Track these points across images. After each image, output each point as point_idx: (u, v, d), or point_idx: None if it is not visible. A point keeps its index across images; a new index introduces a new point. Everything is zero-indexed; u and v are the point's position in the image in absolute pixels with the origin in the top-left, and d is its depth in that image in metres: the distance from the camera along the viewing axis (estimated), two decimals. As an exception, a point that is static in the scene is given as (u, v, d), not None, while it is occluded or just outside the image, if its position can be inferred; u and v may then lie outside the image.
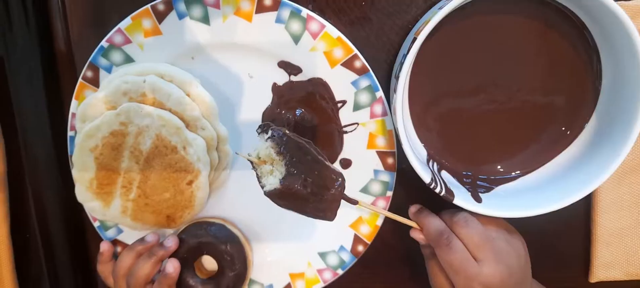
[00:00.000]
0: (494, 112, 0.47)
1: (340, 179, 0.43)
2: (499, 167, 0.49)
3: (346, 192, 0.50)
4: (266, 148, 0.42)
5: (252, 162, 0.43)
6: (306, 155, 0.41)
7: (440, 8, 0.41)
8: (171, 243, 0.49)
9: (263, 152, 0.42)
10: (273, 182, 0.42)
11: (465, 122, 0.48)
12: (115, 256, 0.53)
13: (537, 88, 0.47)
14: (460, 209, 0.45)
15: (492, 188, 0.48)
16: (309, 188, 0.42)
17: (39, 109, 0.52)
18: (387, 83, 0.50)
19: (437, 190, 0.44)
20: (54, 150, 0.53)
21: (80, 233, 0.56)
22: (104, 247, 0.51)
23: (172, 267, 0.48)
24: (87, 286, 0.58)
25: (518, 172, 0.49)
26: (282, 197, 0.42)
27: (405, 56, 0.42)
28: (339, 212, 0.50)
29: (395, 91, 0.42)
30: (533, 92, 0.47)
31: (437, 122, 0.48)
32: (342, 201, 0.44)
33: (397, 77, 0.43)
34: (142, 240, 0.50)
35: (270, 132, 0.42)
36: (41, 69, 0.51)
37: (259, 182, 0.43)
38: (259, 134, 0.43)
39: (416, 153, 0.47)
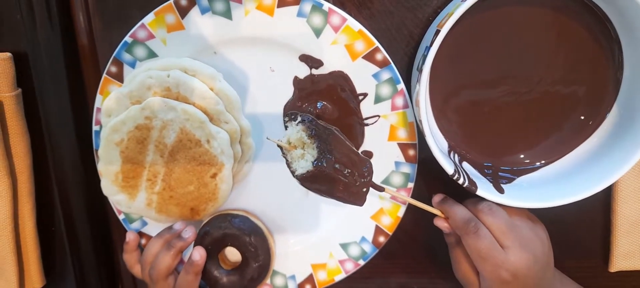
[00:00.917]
0: (515, 103, 0.48)
1: (368, 165, 0.43)
2: (522, 156, 0.49)
3: (369, 182, 0.51)
4: (297, 132, 0.42)
5: (281, 149, 0.43)
6: (336, 139, 0.42)
7: (464, 0, 0.41)
8: (190, 233, 0.50)
9: (294, 137, 0.43)
10: (305, 165, 0.42)
11: (486, 113, 0.48)
12: (140, 247, 0.54)
13: (558, 79, 0.47)
14: (482, 199, 0.45)
15: (514, 179, 0.49)
16: (340, 171, 0.42)
17: (63, 104, 0.52)
18: (407, 75, 0.50)
19: (460, 181, 0.44)
20: (78, 145, 0.53)
21: (105, 226, 0.57)
22: (130, 236, 0.52)
23: (199, 254, 0.48)
24: (111, 278, 0.59)
25: (539, 162, 0.49)
26: (315, 180, 0.42)
27: (428, 49, 0.42)
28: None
29: (419, 83, 0.43)
30: (554, 83, 0.47)
31: (458, 114, 0.49)
32: (374, 189, 0.45)
33: (420, 70, 0.43)
34: (169, 228, 0.51)
35: (299, 118, 0.42)
36: (65, 64, 0.51)
37: (289, 168, 0.43)
38: (286, 122, 0.43)
39: (438, 145, 0.48)
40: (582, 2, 0.44)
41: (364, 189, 0.43)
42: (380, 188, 0.45)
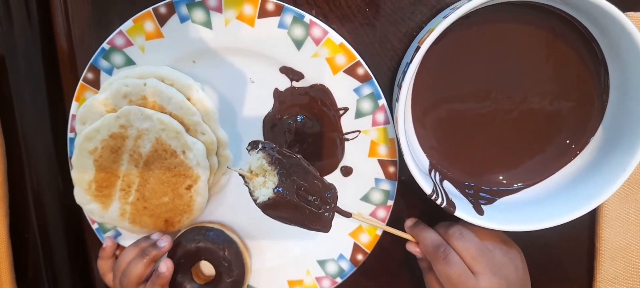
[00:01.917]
0: (497, 123, 0.47)
1: (332, 190, 0.43)
2: (501, 177, 0.48)
3: (347, 200, 0.50)
4: (258, 159, 0.42)
5: (244, 177, 0.43)
6: (298, 166, 0.41)
7: (445, 17, 0.40)
8: (165, 243, 0.49)
9: (255, 164, 0.42)
10: (266, 192, 0.42)
11: (469, 131, 0.47)
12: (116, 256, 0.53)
13: (542, 99, 0.46)
14: (457, 221, 0.44)
15: (495, 200, 0.48)
16: (303, 198, 0.42)
17: (40, 109, 0.51)
18: (390, 90, 0.49)
19: (438, 201, 0.43)
20: (54, 151, 0.52)
21: (79, 234, 0.56)
22: (108, 242, 0.51)
23: (165, 266, 0.47)
24: (86, 287, 0.58)
25: (520, 184, 0.48)
26: (276, 207, 0.42)
27: (408, 65, 0.41)
28: (338, 220, 0.50)
29: (397, 100, 0.42)
30: (538, 104, 0.46)
31: (440, 131, 0.48)
32: (340, 215, 0.44)
33: (399, 86, 0.42)
34: (147, 237, 0.50)
35: (260, 146, 0.42)
36: (43, 69, 0.51)
37: (252, 196, 0.42)
38: (249, 151, 0.42)
39: (418, 163, 0.47)
40: (569, 21, 0.44)
41: (328, 215, 0.42)
42: (346, 215, 0.44)
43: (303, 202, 0.42)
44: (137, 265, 0.47)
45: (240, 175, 0.43)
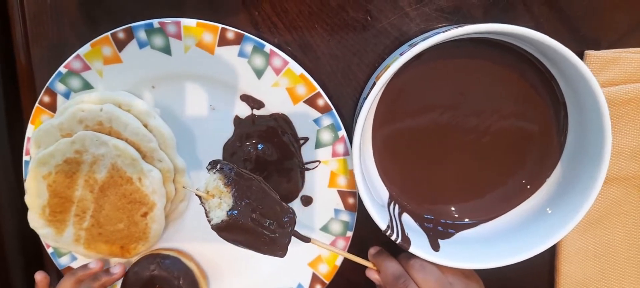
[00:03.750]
0: (457, 157, 0.47)
1: (290, 215, 0.42)
2: (458, 211, 0.48)
3: (307, 230, 0.49)
4: (214, 180, 0.41)
5: (200, 198, 0.42)
6: (255, 188, 0.41)
7: (401, 54, 0.40)
8: (117, 271, 0.48)
9: (211, 185, 0.41)
10: (220, 214, 0.41)
11: (429, 164, 0.47)
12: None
13: (502, 135, 0.46)
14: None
15: (453, 234, 0.47)
16: (258, 222, 0.41)
17: (-2, 129, 0.51)
18: (352, 121, 0.49)
19: (393, 237, 0.43)
20: (13, 173, 0.51)
21: (38, 257, 0.55)
22: (38, 277, 0.49)
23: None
24: (43, 310, 0.56)
25: (478, 219, 0.47)
26: (230, 230, 0.41)
27: (364, 100, 0.41)
28: (298, 249, 0.50)
29: (353, 134, 0.41)
30: (498, 140, 0.46)
31: (400, 164, 0.47)
32: (297, 239, 0.43)
33: (355, 120, 0.42)
34: (84, 266, 0.49)
35: (219, 166, 0.41)
36: (2, 88, 0.50)
37: (207, 217, 0.42)
38: (208, 170, 0.42)
39: (376, 196, 0.46)
40: (529, 60, 0.44)
41: (285, 240, 0.42)
42: (305, 239, 0.43)
43: (257, 226, 0.41)
44: None
45: (196, 195, 0.42)
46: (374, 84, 0.41)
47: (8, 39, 0.50)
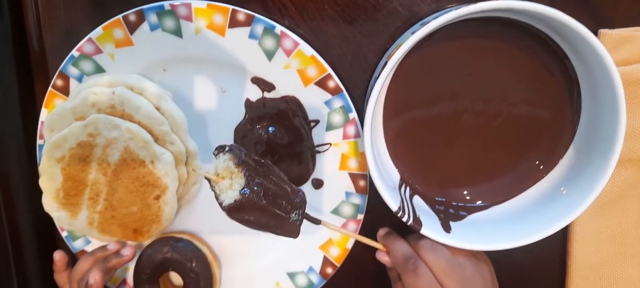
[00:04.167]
0: (469, 138, 0.46)
1: (301, 195, 0.42)
2: (471, 193, 0.48)
3: (318, 212, 0.49)
4: (224, 161, 0.41)
5: (210, 181, 0.42)
6: (268, 169, 0.41)
7: (413, 32, 0.40)
8: (128, 252, 0.48)
9: (221, 166, 0.41)
10: (232, 195, 0.40)
11: (440, 146, 0.47)
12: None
13: (514, 116, 0.45)
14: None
15: (465, 216, 0.47)
16: (271, 200, 0.41)
17: (13, 115, 0.51)
18: (363, 103, 0.49)
19: (405, 218, 0.43)
20: (27, 157, 0.52)
21: (52, 241, 0.55)
22: (57, 256, 0.50)
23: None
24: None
25: (490, 201, 0.47)
26: (242, 210, 0.40)
27: (376, 80, 0.41)
28: (309, 233, 0.50)
29: (364, 115, 0.41)
30: (510, 120, 0.45)
31: (412, 146, 0.47)
32: (309, 221, 0.43)
33: (367, 101, 0.42)
34: (103, 247, 0.49)
35: (227, 148, 0.41)
36: (16, 75, 0.50)
37: (217, 200, 0.41)
38: (215, 155, 0.42)
39: (388, 178, 0.46)
40: (542, 39, 0.43)
41: (297, 220, 0.42)
42: (316, 221, 0.43)
43: (270, 206, 0.41)
44: (97, 273, 0.46)
45: (206, 178, 0.42)
46: (386, 63, 0.41)
47: (21, 26, 0.50)
